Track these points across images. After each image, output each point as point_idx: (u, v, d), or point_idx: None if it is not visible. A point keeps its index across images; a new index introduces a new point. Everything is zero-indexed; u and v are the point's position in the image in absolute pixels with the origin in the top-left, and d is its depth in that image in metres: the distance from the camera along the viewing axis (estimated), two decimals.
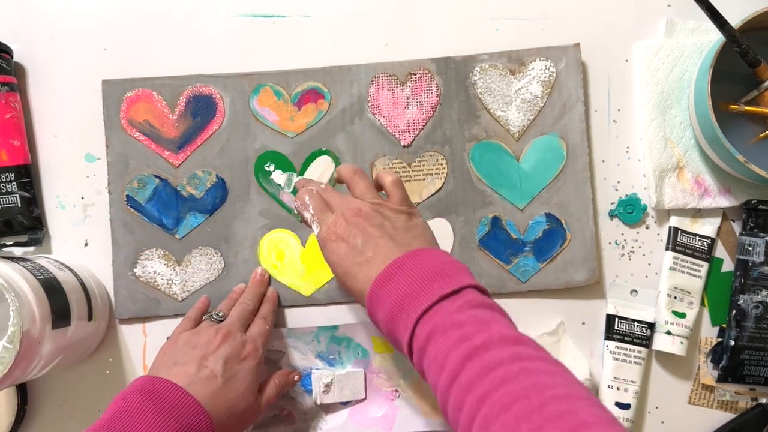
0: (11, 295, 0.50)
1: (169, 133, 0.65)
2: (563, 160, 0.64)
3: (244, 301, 0.61)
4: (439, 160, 0.65)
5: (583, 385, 0.41)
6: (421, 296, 0.46)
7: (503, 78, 0.65)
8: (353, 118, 0.65)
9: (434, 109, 0.65)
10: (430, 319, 0.45)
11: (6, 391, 0.62)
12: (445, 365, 0.43)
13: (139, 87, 0.65)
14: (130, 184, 0.65)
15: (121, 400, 0.50)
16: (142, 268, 0.65)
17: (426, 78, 0.65)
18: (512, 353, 0.42)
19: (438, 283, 0.46)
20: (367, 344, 0.64)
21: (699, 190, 0.64)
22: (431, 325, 0.45)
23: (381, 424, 0.64)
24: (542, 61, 0.64)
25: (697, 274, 0.64)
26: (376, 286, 0.48)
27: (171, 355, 0.55)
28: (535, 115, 0.65)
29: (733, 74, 0.59)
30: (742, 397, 0.63)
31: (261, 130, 0.65)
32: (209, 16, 0.66)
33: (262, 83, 0.65)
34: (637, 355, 0.63)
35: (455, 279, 0.47)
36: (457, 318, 0.44)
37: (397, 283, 0.47)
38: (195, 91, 0.65)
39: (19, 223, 0.63)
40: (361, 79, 0.65)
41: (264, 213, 0.65)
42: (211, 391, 0.53)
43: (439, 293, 0.46)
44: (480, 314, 0.45)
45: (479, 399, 0.40)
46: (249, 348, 0.57)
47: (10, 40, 0.65)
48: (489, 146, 0.65)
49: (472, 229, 0.64)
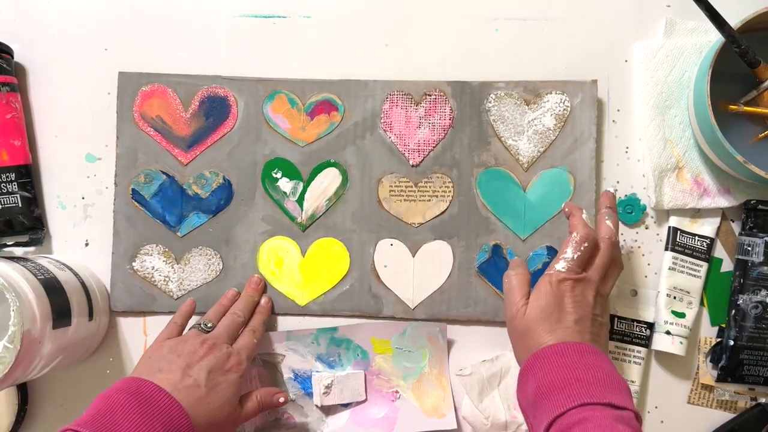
0: (12, 295, 0.50)
1: (180, 131, 0.65)
2: (570, 194, 0.64)
3: (235, 311, 0.62)
4: (446, 182, 0.65)
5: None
6: (595, 390, 0.47)
7: (517, 107, 0.65)
8: (364, 133, 0.65)
9: (446, 131, 0.65)
10: (589, 418, 0.46)
11: (6, 391, 0.63)
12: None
13: (155, 82, 0.65)
14: (136, 178, 0.65)
15: (106, 398, 0.50)
16: (140, 263, 0.65)
17: (441, 100, 0.65)
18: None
19: (611, 390, 0.48)
20: (367, 345, 0.64)
21: (698, 190, 0.64)
22: (584, 415, 0.46)
23: (382, 425, 0.64)
24: (558, 95, 0.64)
25: (697, 274, 0.64)
26: (555, 353, 0.51)
27: (156, 361, 0.55)
28: (546, 147, 0.65)
29: (732, 74, 0.59)
30: (742, 397, 0.64)
31: (272, 136, 0.65)
32: (209, 16, 0.66)
33: (278, 90, 0.65)
34: (637, 355, 0.63)
35: (625, 398, 0.48)
36: (612, 425, 0.45)
37: (582, 367, 0.49)
38: (210, 92, 0.65)
39: (20, 223, 0.63)
40: (376, 95, 0.65)
41: (267, 219, 0.65)
42: (194, 399, 0.53)
43: (609, 399, 0.47)
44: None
45: None
46: (233, 361, 0.57)
47: (11, 40, 0.65)
48: (497, 174, 0.65)
49: (472, 255, 0.64)
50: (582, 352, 0.50)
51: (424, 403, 0.64)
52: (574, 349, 0.51)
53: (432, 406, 0.64)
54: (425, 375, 0.64)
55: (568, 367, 0.49)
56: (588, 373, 0.49)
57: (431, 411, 0.64)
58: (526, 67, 0.65)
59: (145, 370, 0.55)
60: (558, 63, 0.65)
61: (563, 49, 0.66)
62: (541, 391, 0.49)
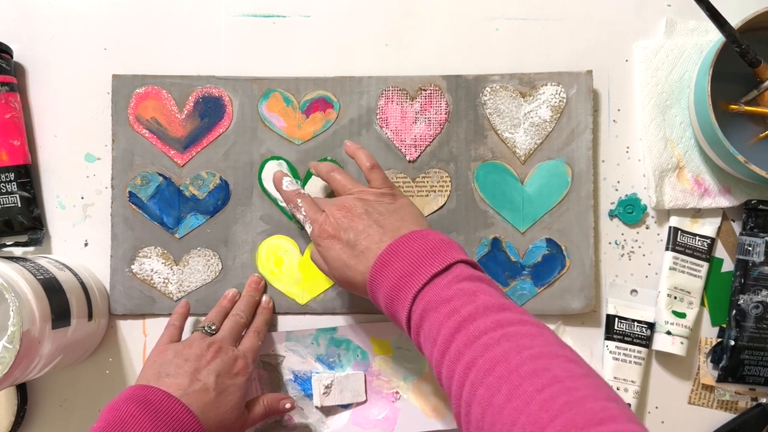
0: (11, 295, 0.50)
1: (175, 132, 0.65)
2: (567, 186, 0.64)
3: (237, 313, 0.61)
4: (444, 177, 0.65)
5: (562, 343, 0.44)
6: (415, 277, 0.49)
7: (513, 100, 0.65)
8: (360, 130, 0.65)
9: (442, 126, 0.65)
10: (423, 297, 0.48)
11: (6, 391, 0.62)
12: (437, 339, 0.46)
13: (149, 84, 0.65)
14: (133, 180, 0.65)
15: (115, 410, 0.50)
16: (139, 265, 0.65)
17: (436, 94, 0.65)
18: (495, 321, 0.44)
19: (429, 262, 0.49)
20: (367, 346, 0.64)
21: (699, 190, 0.64)
22: (424, 303, 0.48)
23: (382, 425, 0.64)
24: (553, 86, 0.64)
25: (697, 274, 0.64)
26: (374, 274, 0.51)
27: (162, 365, 0.55)
28: (543, 140, 0.65)
29: (733, 74, 0.59)
30: (742, 397, 0.63)
31: (268, 135, 0.65)
32: (209, 16, 0.66)
33: (272, 89, 0.65)
34: (637, 355, 0.63)
35: (445, 256, 0.49)
36: (446, 293, 0.47)
37: (392, 268, 0.50)
38: (204, 92, 0.65)
39: (19, 223, 0.63)
40: (371, 92, 0.65)
41: (265, 218, 0.65)
42: (204, 403, 0.53)
43: (430, 272, 0.48)
44: (468, 287, 0.47)
45: (466, 366, 0.43)
46: (240, 364, 0.57)
47: (10, 40, 0.65)
48: (494, 167, 0.65)
49: (471, 249, 0.64)
50: (386, 260, 0.50)
51: (424, 404, 0.64)
52: (380, 264, 0.51)
53: (432, 406, 0.64)
54: (426, 376, 0.64)
55: (388, 276, 0.50)
56: (403, 266, 0.49)
57: (432, 412, 0.64)
58: (526, 67, 0.65)
59: (151, 376, 0.54)
60: (558, 63, 0.65)
61: (563, 48, 0.65)
62: (389, 314, 0.51)
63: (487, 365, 0.42)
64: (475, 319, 0.45)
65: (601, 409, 0.37)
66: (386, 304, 0.51)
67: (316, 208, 0.56)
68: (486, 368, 0.42)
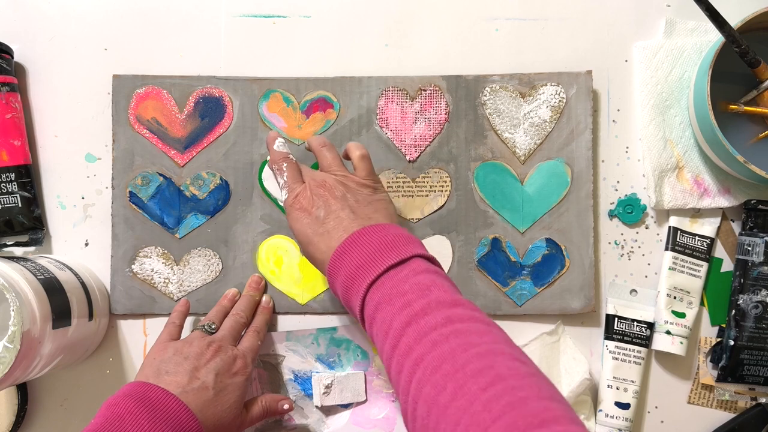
0: (12, 295, 0.50)
1: (176, 133, 0.65)
2: (567, 186, 0.64)
3: (237, 312, 0.61)
4: (444, 177, 0.65)
5: (510, 341, 0.44)
6: (371, 267, 0.49)
7: (513, 100, 0.65)
8: (360, 130, 0.65)
9: (442, 126, 0.65)
10: (378, 289, 0.48)
11: (6, 391, 0.63)
12: (388, 332, 0.46)
13: (149, 84, 0.65)
14: (133, 180, 0.65)
15: (113, 406, 0.50)
16: (140, 265, 0.65)
17: (436, 94, 0.65)
18: (446, 317, 0.44)
19: (386, 254, 0.49)
20: (367, 346, 0.64)
21: (698, 190, 0.64)
22: (379, 295, 0.48)
23: (382, 425, 0.64)
24: (553, 86, 0.64)
25: (697, 274, 0.64)
26: (335, 258, 0.51)
27: (161, 363, 0.55)
28: (543, 140, 0.65)
29: (732, 74, 0.59)
30: (742, 397, 0.64)
31: None
32: (209, 16, 0.66)
33: (273, 89, 0.65)
34: (637, 355, 0.63)
35: (403, 249, 0.49)
36: (401, 287, 0.47)
37: (351, 256, 0.50)
38: (205, 93, 0.65)
39: (20, 223, 0.63)
40: (371, 92, 0.65)
41: (265, 218, 0.65)
42: (202, 402, 0.53)
43: (386, 264, 0.49)
44: (423, 281, 0.47)
45: (414, 362, 0.43)
46: (239, 364, 0.57)
47: (11, 40, 0.65)
48: (494, 167, 0.65)
49: (471, 249, 0.64)
50: (347, 246, 0.50)
51: None
52: (341, 249, 0.51)
53: None
54: None
55: (347, 262, 0.50)
56: (362, 255, 0.49)
57: None
58: (526, 67, 0.65)
59: (150, 373, 0.54)
60: (558, 63, 0.65)
61: (563, 48, 0.66)
62: (344, 300, 0.51)
63: (435, 362, 0.42)
64: (426, 313, 0.45)
65: (543, 409, 0.37)
66: (342, 294, 0.51)
67: (298, 178, 0.56)
68: (433, 366, 0.42)
